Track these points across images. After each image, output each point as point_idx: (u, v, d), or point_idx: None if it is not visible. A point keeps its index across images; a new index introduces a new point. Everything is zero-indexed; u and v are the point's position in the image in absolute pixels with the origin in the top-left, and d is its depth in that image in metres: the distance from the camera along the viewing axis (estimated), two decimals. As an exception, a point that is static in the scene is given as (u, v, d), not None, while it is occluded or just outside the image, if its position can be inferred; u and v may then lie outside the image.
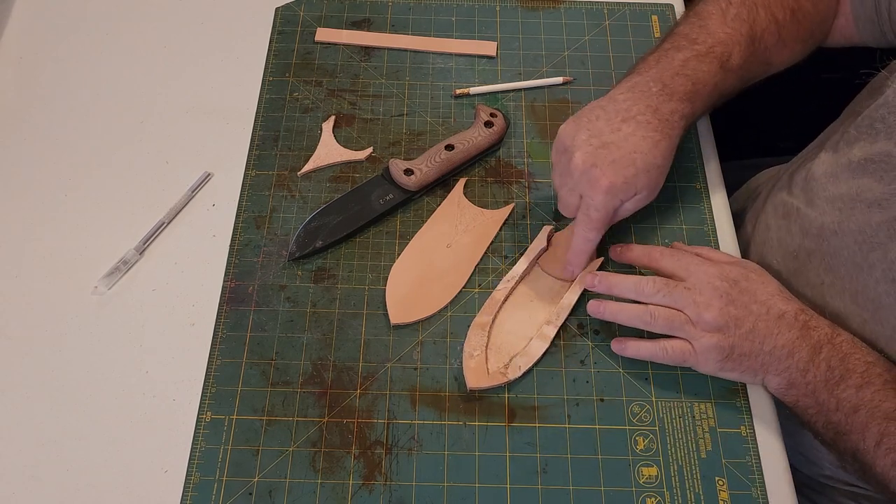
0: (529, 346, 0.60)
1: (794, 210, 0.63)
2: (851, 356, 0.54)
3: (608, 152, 0.57)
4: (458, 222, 0.67)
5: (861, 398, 0.52)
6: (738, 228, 0.74)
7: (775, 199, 0.67)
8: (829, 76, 0.99)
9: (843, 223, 0.57)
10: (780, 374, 0.55)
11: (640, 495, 0.56)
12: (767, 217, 0.67)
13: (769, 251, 0.66)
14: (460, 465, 0.57)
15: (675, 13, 0.81)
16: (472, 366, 0.59)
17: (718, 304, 0.55)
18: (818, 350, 0.54)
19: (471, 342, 0.60)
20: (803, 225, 0.61)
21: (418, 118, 0.74)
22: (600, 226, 0.59)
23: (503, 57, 0.78)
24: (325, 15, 0.80)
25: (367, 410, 0.58)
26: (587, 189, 0.58)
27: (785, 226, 0.64)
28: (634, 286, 0.58)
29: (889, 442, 0.50)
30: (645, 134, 0.58)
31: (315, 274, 0.65)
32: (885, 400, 0.51)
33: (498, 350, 0.61)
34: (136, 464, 0.56)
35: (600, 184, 0.57)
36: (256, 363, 0.60)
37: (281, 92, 0.75)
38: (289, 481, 0.56)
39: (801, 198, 0.63)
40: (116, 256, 0.65)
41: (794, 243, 0.62)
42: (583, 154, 0.58)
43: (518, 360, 0.60)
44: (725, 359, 0.56)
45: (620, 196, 0.58)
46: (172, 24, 0.80)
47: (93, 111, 0.74)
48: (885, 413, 0.51)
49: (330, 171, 0.70)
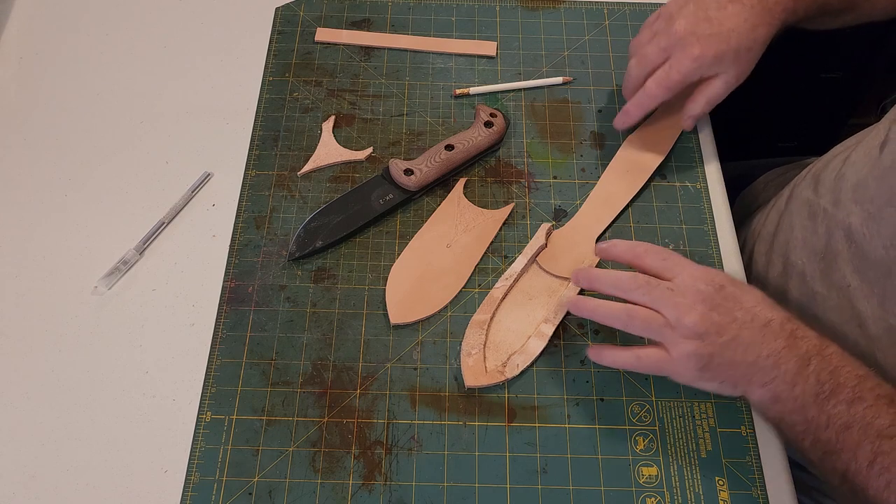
0: (528, 344, 0.60)
1: (821, 210, 0.61)
2: (842, 369, 0.50)
3: (708, 25, 0.62)
4: (458, 222, 0.67)
5: (853, 415, 0.49)
6: (752, 228, 0.74)
7: (800, 199, 0.66)
8: (829, 76, 0.99)
9: (871, 226, 0.55)
10: (765, 386, 0.51)
11: (640, 495, 0.56)
12: (791, 216, 0.66)
13: (793, 251, 0.64)
14: (460, 465, 0.57)
15: (675, 13, 0.81)
16: (470, 364, 0.59)
17: (701, 308, 0.52)
18: (806, 362, 0.51)
19: (469, 340, 0.60)
20: (829, 226, 0.60)
21: (418, 118, 0.74)
22: (672, 86, 0.63)
23: (503, 57, 0.78)
24: (325, 15, 0.80)
25: (367, 410, 0.58)
26: (678, 52, 0.62)
27: (811, 226, 0.62)
28: (614, 281, 0.56)
29: (883, 461, 0.47)
30: (747, 17, 0.62)
31: (315, 274, 0.65)
32: (878, 416, 0.48)
33: (496, 348, 0.61)
34: (136, 464, 0.56)
35: (692, 51, 0.62)
36: (256, 363, 0.60)
37: (281, 92, 0.75)
38: (289, 481, 0.56)
39: (828, 198, 0.61)
40: (116, 256, 0.65)
41: (820, 244, 0.61)
42: (685, 21, 0.62)
43: (516, 358, 0.60)
44: (703, 368, 0.52)
45: (704, 69, 0.62)
46: (172, 25, 0.80)
47: (93, 111, 0.74)
48: (877, 431, 0.48)
49: (330, 171, 0.70)
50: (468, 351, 0.60)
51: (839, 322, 0.59)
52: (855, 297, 0.57)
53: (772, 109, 1.02)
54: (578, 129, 0.73)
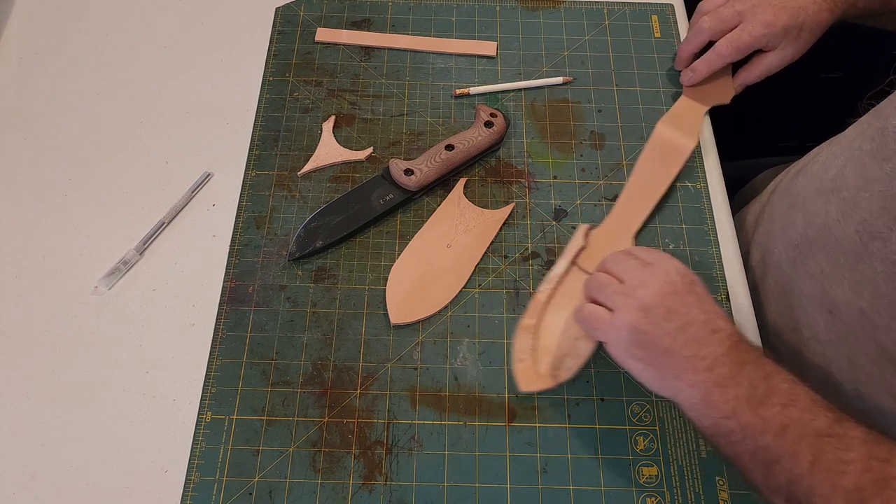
0: (577, 346, 0.60)
1: (801, 200, 0.63)
2: (775, 375, 0.50)
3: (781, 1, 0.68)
4: (458, 222, 0.67)
5: (788, 416, 0.47)
6: (741, 224, 0.74)
7: (782, 191, 0.67)
8: (829, 76, 0.99)
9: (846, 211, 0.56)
10: (694, 386, 0.50)
11: (640, 495, 0.56)
12: (773, 208, 0.67)
13: (772, 241, 0.66)
14: (460, 465, 0.57)
15: (674, 13, 0.81)
16: (521, 369, 0.59)
17: (660, 288, 0.52)
18: (741, 367, 0.50)
19: (518, 345, 0.60)
20: (807, 214, 0.61)
21: (418, 118, 0.74)
22: (741, 48, 0.68)
23: (503, 57, 0.78)
24: (325, 15, 0.80)
25: (367, 410, 0.58)
26: (751, 17, 0.68)
27: (789, 215, 0.64)
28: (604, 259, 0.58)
29: (825, 461, 0.45)
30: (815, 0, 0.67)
31: (315, 274, 0.65)
32: (815, 418, 0.47)
33: (546, 352, 0.60)
34: (136, 464, 0.56)
35: (764, 17, 0.67)
36: (256, 363, 0.60)
37: (281, 92, 0.75)
38: (289, 481, 0.56)
39: (809, 188, 0.62)
40: (116, 256, 0.65)
41: (796, 232, 0.62)
42: None
43: (568, 361, 0.59)
44: (636, 343, 0.52)
45: (769, 38, 0.67)
46: (172, 25, 0.80)
47: (93, 111, 0.74)
48: (815, 431, 0.46)
49: (330, 171, 0.70)
50: (519, 356, 0.60)
51: (812, 310, 0.60)
52: (828, 283, 0.58)
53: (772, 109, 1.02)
54: (578, 129, 0.73)
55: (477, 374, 0.60)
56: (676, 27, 0.80)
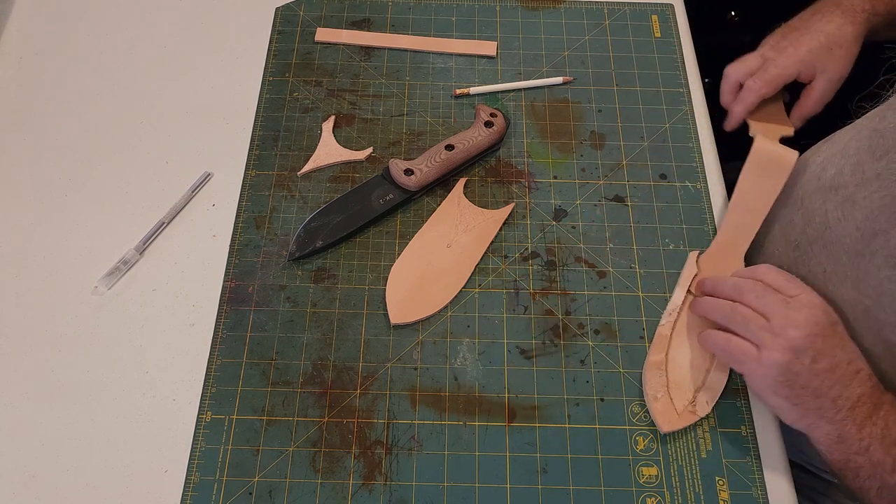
0: (709, 379, 0.59)
1: (799, 199, 0.63)
2: None
3: (798, 34, 0.69)
4: (458, 222, 0.67)
5: None
6: None
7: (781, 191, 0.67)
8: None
9: (846, 208, 0.56)
10: (834, 423, 0.52)
11: (640, 495, 0.56)
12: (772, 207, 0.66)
13: (771, 242, 0.65)
14: (460, 465, 0.57)
15: (674, 13, 0.81)
16: (659, 409, 0.58)
17: (810, 330, 0.53)
18: (878, 407, 0.52)
19: (651, 384, 0.59)
20: (806, 213, 0.61)
21: (418, 118, 0.74)
22: (770, 80, 0.68)
23: (503, 57, 0.78)
24: (325, 15, 0.80)
25: (367, 410, 0.58)
26: (772, 54, 0.69)
27: (788, 215, 0.64)
28: (735, 284, 0.58)
29: None
30: (830, 19, 0.68)
31: (315, 274, 0.65)
32: None
33: (678, 387, 0.59)
34: (136, 464, 0.56)
35: (786, 50, 0.68)
36: (256, 363, 0.60)
37: (281, 92, 0.75)
38: (289, 481, 0.56)
39: (808, 187, 0.62)
40: (116, 256, 0.65)
41: (795, 232, 0.62)
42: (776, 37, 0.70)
43: (702, 395, 0.59)
44: (784, 383, 0.53)
45: (799, 66, 0.68)
46: (172, 25, 0.80)
47: (93, 111, 0.74)
48: None
49: (330, 171, 0.70)
50: (654, 395, 0.59)
51: None
52: (830, 282, 0.58)
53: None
54: (578, 129, 0.73)
55: (477, 374, 0.60)
56: (676, 27, 0.80)
